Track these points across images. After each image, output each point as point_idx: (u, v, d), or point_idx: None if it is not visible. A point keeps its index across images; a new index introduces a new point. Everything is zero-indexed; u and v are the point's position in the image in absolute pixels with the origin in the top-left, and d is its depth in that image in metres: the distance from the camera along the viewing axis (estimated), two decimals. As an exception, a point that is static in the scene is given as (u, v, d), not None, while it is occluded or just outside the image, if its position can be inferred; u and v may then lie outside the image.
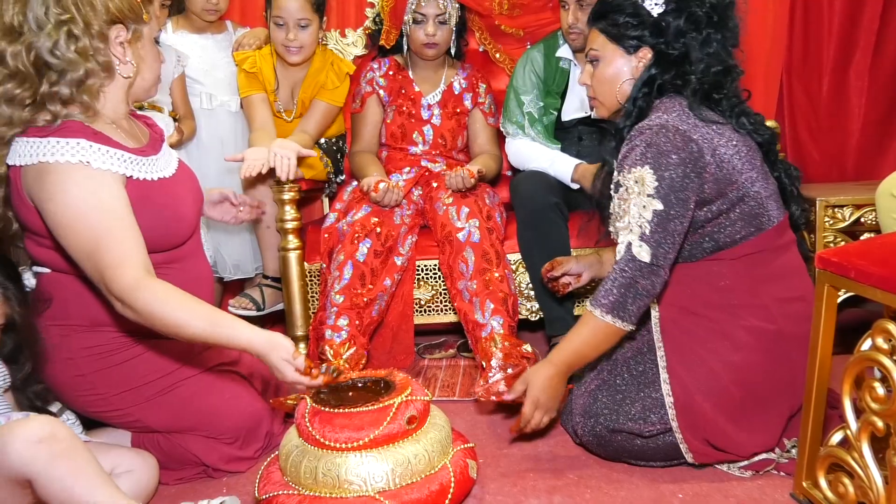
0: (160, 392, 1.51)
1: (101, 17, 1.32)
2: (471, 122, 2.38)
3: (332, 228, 2.13)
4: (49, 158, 1.30)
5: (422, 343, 2.33)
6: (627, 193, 1.43)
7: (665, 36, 1.49)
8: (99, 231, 1.29)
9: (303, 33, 2.18)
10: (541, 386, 1.49)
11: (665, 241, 1.39)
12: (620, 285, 1.40)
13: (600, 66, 1.58)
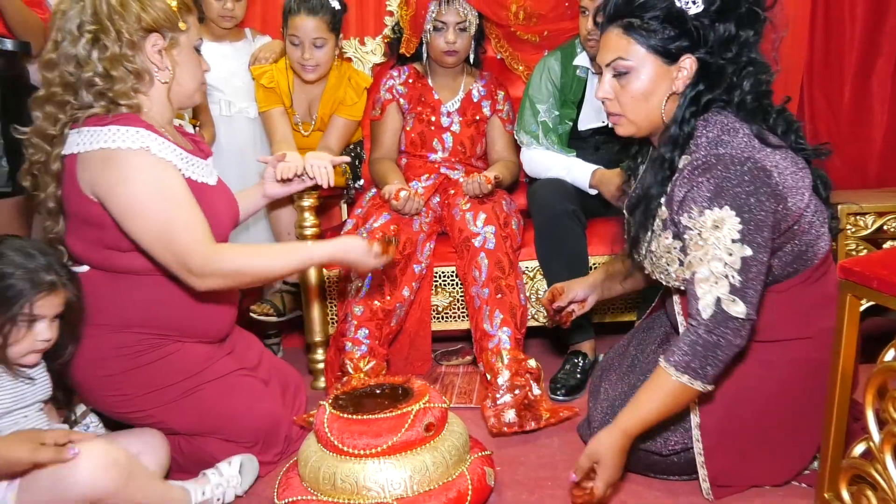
0: (183, 394, 1.53)
1: (133, 27, 1.40)
2: (489, 130, 2.38)
3: (351, 235, 2.14)
4: (111, 144, 1.37)
5: (439, 349, 2.34)
6: (702, 238, 1.25)
7: (707, 42, 1.28)
8: (171, 213, 1.38)
9: (318, 52, 2.18)
10: (613, 464, 1.30)
11: (755, 288, 1.24)
12: (707, 346, 1.24)
13: (630, 79, 1.33)
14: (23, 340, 1.31)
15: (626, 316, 2.21)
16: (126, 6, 1.40)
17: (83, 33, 1.38)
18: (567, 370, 2.01)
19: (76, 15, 1.40)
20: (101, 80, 1.39)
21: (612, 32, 1.34)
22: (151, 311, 1.51)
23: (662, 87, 1.33)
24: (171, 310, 1.52)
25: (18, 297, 1.29)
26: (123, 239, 1.43)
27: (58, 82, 1.42)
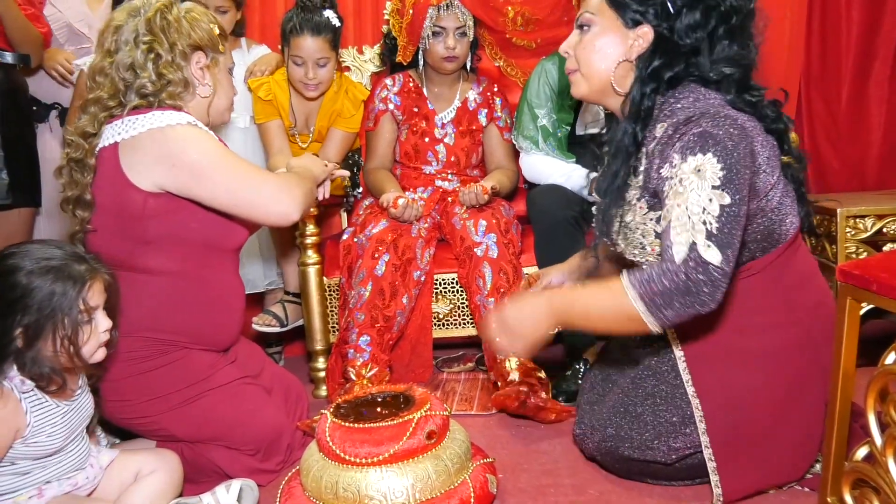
0: (186, 401, 1.54)
1: (184, 41, 1.53)
2: (486, 138, 2.39)
3: (350, 243, 2.15)
4: (158, 124, 1.46)
5: (440, 356, 2.34)
6: (682, 186, 1.23)
7: (670, 21, 1.32)
8: (237, 161, 1.50)
9: (321, 71, 2.19)
10: (518, 305, 1.30)
11: (732, 241, 1.21)
12: (674, 287, 1.20)
13: (590, 33, 1.39)
14: (90, 338, 1.29)
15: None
16: (179, 23, 1.53)
17: (139, 43, 1.49)
18: (569, 376, 2.01)
19: (132, 28, 1.51)
20: (153, 84, 1.49)
21: None
22: (162, 316, 1.53)
23: (617, 48, 1.37)
24: (181, 315, 1.55)
25: (70, 300, 1.25)
26: (149, 229, 1.49)
27: (107, 87, 1.51)
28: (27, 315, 1.22)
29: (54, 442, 1.28)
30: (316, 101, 2.29)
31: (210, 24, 1.58)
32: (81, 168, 1.52)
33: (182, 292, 1.54)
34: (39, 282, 1.23)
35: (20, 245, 1.30)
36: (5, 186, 2.00)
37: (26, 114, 2.09)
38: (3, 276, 1.23)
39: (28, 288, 1.22)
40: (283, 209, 1.51)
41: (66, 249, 1.32)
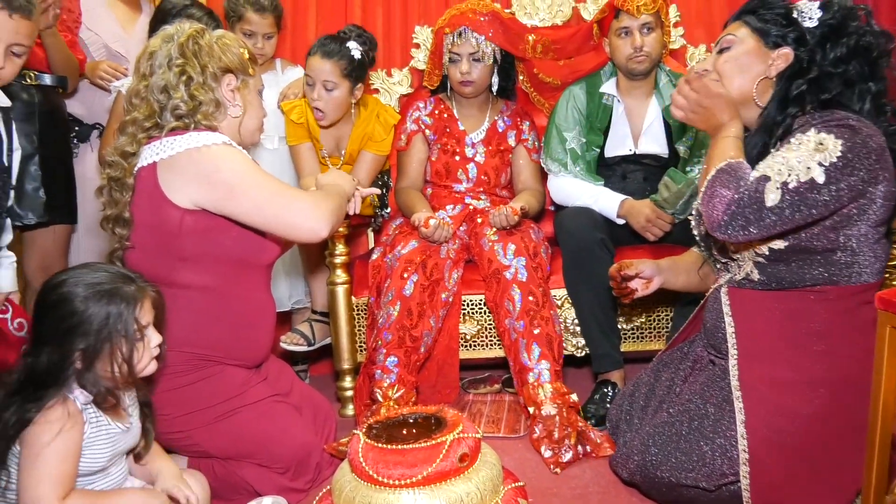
0: (221, 416, 1.57)
1: (216, 64, 1.58)
2: (514, 159, 2.41)
3: (379, 263, 2.17)
4: (195, 144, 1.51)
5: (466, 378, 2.33)
6: (798, 145, 1.34)
7: (809, 46, 1.45)
8: (270, 180, 1.55)
9: (326, 94, 2.18)
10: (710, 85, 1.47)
11: (797, 211, 1.30)
12: (734, 193, 1.33)
13: (732, 51, 1.51)
14: (144, 354, 1.32)
15: (654, 345, 2.19)
16: (210, 47, 1.59)
17: (172, 66, 1.55)
18: (597, 400, 2.00)
19: (165, 53, 1.57)
20: (186, 105, 1.55)
21: (735, 23, 1.55)
22: (198, 330, 1.56)
23: (757, 65, 1.49)
24: (215, 329, 1.58)
25: (125, 321, 1.28)
26: (186, 247, 1.53)
27: (143, 109, 1.57)
28: (86, 339, 1.25)
29: (98, 461, 1.30)
30: (346, 124, 2.32)
31: (240, 49, 1.63)
32: (121, 187, 1.56)
33: (217, 307, 1.58)
34: (95, 307, 1.26)
35: (67, 272, 1.33)
36: (42, 204, 2.05)
37: (63, 133, 2.15)
38: (60, 305, 1.26)
39: (85, 314, 1.25)
40: (312, 225, 1.54)
41: (112, 271, 1.35)
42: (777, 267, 1.45)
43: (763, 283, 1.48)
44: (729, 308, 1.51)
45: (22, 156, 2.01)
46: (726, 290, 1.54)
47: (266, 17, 2.33)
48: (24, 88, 2.04)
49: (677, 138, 2.24)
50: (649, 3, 2.12)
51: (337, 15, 2.63)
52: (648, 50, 2.15)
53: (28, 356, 1.28)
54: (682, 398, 1.53)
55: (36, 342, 1.28)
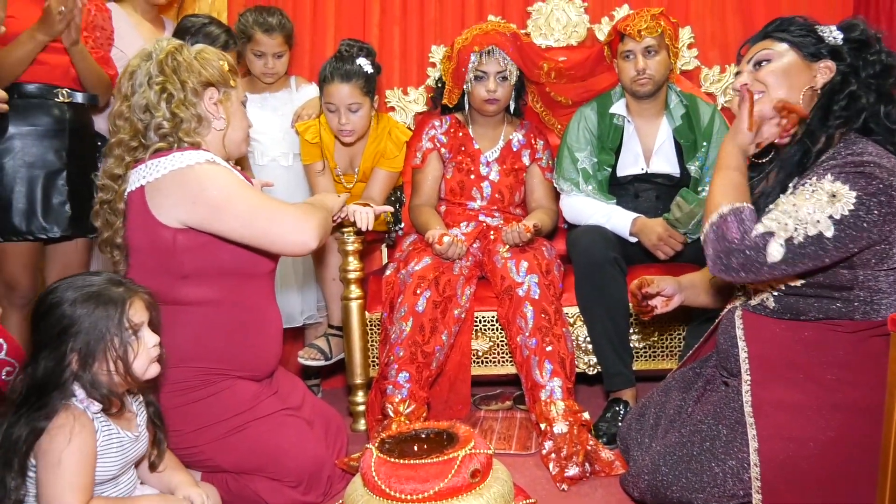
0: (233, 431, 1.58)
1: (196, 78, 1.59)
2: (528, 177, 2.43)
3: (393, 279, 2.19)
4: (179, 165, 1.52)
5: (477, 394, 2.34)
6: (811, 193, 1.33)
7: (852, 62, 1.45)
8: (253, 192, 1.54)
9: (354, 116, 2.24)
10: None
11: (801, 264, 1.32)
12: (735, 242, 1.34)
13: (771, 64, 1.48)
14: (140, 354, 1.34)
15: (666, 363, 2.19)
16: (190, 63, 1.59)
17: (152, 84, 1.56)
18: (608, 418, 2.00)
19: (145, 71, 1.57)
20: (168, 122, 1.56)
21: (761, 42, 1.52)
22: (204, 345, 1.57)
23: (802, 75, 1.47)
24: (223, 342, 1.59)
25: (115, 321, 1.30)
26: (185, 264, 1.54)
27: (127, 129, 1.58)
28: (77, 340, 1.28)
29: (110, 470, 1.32)
30: (360, 142, 2.36)
31: (220, 62, 1.64)
32: (113, 211, 1.60)
33: (221, 320, 1.59)
34: (83, 309, 1.29)
35: (60, 281, 1.36)
36: (67, 219, 2.10)
37: (91, 150, 2.20)
38: (51, 310, 1.30)
39: (74, 316, 1.29)
40: (299, 238, 1.53)
41: (103, 276, 1.38)
42: (794, 299, 1.45)
43: (778, 311, 1.47)
44: (742, 332, 1.50)
45: (49, 171, 2.07)
46: (740, 313, 1.54)
47: (275, 36, 2.38)
48: (56, 105, 2.09)
49: (689, 158, 2.26)
50: (652, 27, 2.15)
51: (355, 33, 2.67)
52: (651, 73, 2.17)
53: (27, 367, 1.30)
54: (694, 418, 1.53)
55: (34, 352, 1.31)
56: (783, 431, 1.36)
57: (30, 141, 2.06)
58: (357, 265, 2.16)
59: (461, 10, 2.76)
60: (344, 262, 2.17)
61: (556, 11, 2.69)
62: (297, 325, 2.50)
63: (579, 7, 2.70)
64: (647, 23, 2.15)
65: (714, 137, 2.25)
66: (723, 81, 2.65)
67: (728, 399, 1.49)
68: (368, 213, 1.99)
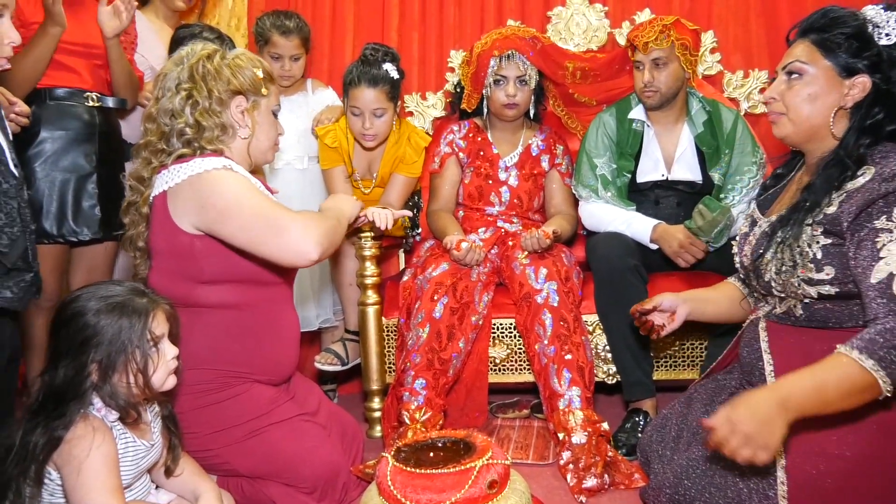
0: (249, 435, 1.57)
1: (223, 87, 1.58)
2: (548, 183, 2.41)
3: (410, 284, 2.18)
4: (197, 170, 1.52)
5: (495, 402, 2.32)
6: (892, 236, 1.28)
7: (890, 73, 1.37)
8: (262, 199, 1.52)
9: (378, 121, 2.23)
10: (749, 410, 1.20)
11: None
12: (890, 330, 1.22)
13: (802, 83, 1.42)
14: (159, 367, 1.34)
15: (687, 374, 2.16)
16: (219, 71, 1.59)
17: (179, 90, 1.57)
18: (628, 429, 1.97)
19: (175, 76, 1.59)
20: (191, 129, 1.56)
21: (800, 44, 1.44)
22: (222, 348, 1.58)
23: (831, 96, 1.41)
24: (241, 346, 1.59)
25: (137, 333, 1.29)
26: (204, 270, 1.54)
27: (154, 131, 1.60)
28: (99, 351, 1.28)
29: (125, 479, 1.31)
30: (379, 147, 2.35)
31: (254, 69, 1.62)
32: (137, 213, 1.61)
33: (240, 324, 1.59)
34: (107, 319, 1.28)
35: (82, 289, 1.36)
36: (98, 221, 2.12)
37: (119, 154, 2.23)
38: (73, 319, 1.29)
39: (97, 326, 1.28)
40: (300, 248, 1.48)
41: (126, 286, 1.37)
42: (823, 305, 1.41)
43: (805, 319, 1.44)
44: (767, 344, 1.47)
45: (80, 175, 2.10)
46: (764, 324, 1.51)
47: (292, 39, 2.39)
48: (86, 110, 2.12)
49: (711, 165, 2.22)
50: (660, 40, 2.11)
51: (374, 38, 2.67)
52: (658, 85, 2.14)
53: (45, 374, 1.30)
54: None
55: (52, 359, 1.30)
56: (811, 447, 1.33)
57: (60, 145, 2.08)
58: (374, 270, 2.15)
59: (480, 15, 2.75)
60: (361, 267, 2.16)
61: (577, 16, 2.68)
62: (313, 329, 2.50)
63: (599, 11, 2.68)
64: (656, 34, 2.11)
65: (737, 144, 2.21)
66: (746, 87, 2.61)
67: None
68: (387, 214, 1.99)
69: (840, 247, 1.37)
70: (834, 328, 1.41)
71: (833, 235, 1.38)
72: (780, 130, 1.49)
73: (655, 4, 2.67)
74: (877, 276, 1.28)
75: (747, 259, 1.56)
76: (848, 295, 1.37)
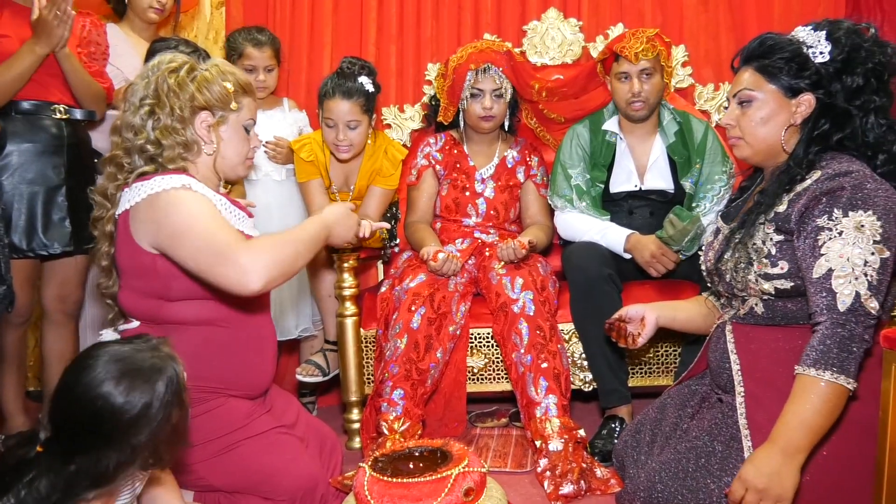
0: (224, 449, 1.56)
1: (186, 104, 1.53)
2: (523, 194, 2.44)
3: (388, 295, 2.19)
4: (156, 189, 1.49)
5: (473, 411, 2.33)
6: (842, 238, 1.34)
7: (827, 86, 1.46)
8: (212, 224, 1.46)
9: (352, 133, 2.25)
10: (756, 468, 1.29)
11: (884, 290, 1.34)
12: (841, 339, 1.29)
13: (752, 108, 1.51)
14: None
15: (662, 380, 2.18)
16: (183, 87, 1.54)
17: (142, 105, 1.54)
18: (604, 435, 1.99)
19: (141, 90, 1.56)
20: (152, 146, 1.53)
21: (745, 71, 1.54)
22: (197, 364, 1.54)
23: (781, 116, 1.50)
24: (216, 361, 1.57)
25: (174, 380, 1.20)
26: (171, 288, 1.51)
27: (120, 145, 1.57)
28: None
29: None
30: (355, 160, 2.37)
31: (223, 83, 1.56)
32: (101, 231, 1.59)
33: (214, 340, 1.57)
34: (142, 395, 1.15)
35: (83, 361, 1.18)
36: (68, 235, 2.10)
37: (89, 166, 2.21)
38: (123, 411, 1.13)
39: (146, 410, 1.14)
40: (240, 280, 1.41)
41: (135, 344, 1.22)
42: (782, 302, 1.46)
43: (767, 317, 1.49)
44: (734, 345, 1.51)
45: (49, 187, 2.08)
46: (731, 326, 1.55)
47: (265, 50, 2.43)
48: (54, 122, 2.10)
49: (682, 175, 2.27)
50: (648, 50, 2.16)
51: (351, 51, 2.69)
52: (646, 96, 2.19)
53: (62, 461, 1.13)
54: (690, 435, 1.53)
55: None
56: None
57: (28, 158, 2.07)
58: (352, 282, 2.16)
59: (457, 29, 2.79)
60: (339, 279, 2.17)
61: (552, 30, 2.72)
62: (292, 338, 2.50)
63: (574, 26, 2.73)
64: (644, 45, 2.16)
65: (707, 154, 2.26)
66: (717, 99, 2.67)
67: (723, 415, 1.49)
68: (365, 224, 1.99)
69: (791, 242, 1.43)
70: (794, 324, 1.46)
71: (784, 232, 1.44)
72: (740, 152, 1.58)
73: (629, 19, 2.73)
74: (818, 272, 1.35)
75: (710, 263, 1.60)
76: (803, 290, 1.42)
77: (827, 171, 1.41)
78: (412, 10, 2.78)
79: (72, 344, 2.25)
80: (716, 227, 1.68)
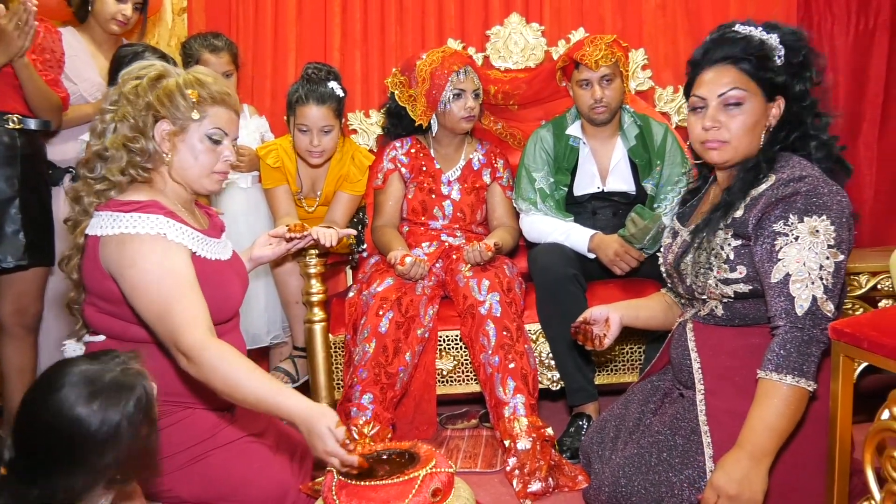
0: (192, 460, 1.55)
1: (142, 113, 1.51)
2: (489, 196, 2.46)
3: (356, 300, 2.19)
4: (130, 230, 1.46)
5: (444, 413, 2.34)
6: (798, 243, 1.37)
7: (794, 87, 1.49)
8: (172, 293, 1.43)
9: (325, 138, 2.28)
10: (726, 474, 1.32)
11: (839, 293, 1.37)
12: (800, 343, 1.32)
13: (743, 112, 1.48)
14: None
15: (627, 377, 2.23)
16: (142, 94, 1.52)
17: (107, 112, 1.54)
18: (572, 433, 2.02)
19: (110, 97, 1.56)
20: (113, 152, 1.52)
21: (725, 68, 1.49)
22: (164, 380, 1.53)
23: (763, 119, 1.50)
24: (182, 376, 1.55)
25: (144, 398, 1.18)
26: (135, 312, 1.49)
27: (90, 149, 1.56)
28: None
29: None
30: (322, 166, 2.37)
31: (186, 90, 1.52)
32: (73, 242, 1.56)
33: None
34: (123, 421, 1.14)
35: (53, 378, 1.15)
36: (22, 247, 2.05)
37: (43, 177, 2.16)
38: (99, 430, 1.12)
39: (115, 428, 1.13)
40: (182, 362, 1.42)
41: (104, 363, 1.20)
42: (741, 304, 1.50)
43: (727, 319, 1.53)
44: (694, 343, 1.55)
45: (2, 199, 2.01)
46: (691, 325, 1.59)
47: (222, 56, 2.42)
48: (6, 132, 2.05)
49: (644, 176, 2.32)
50: (607, 56, 2.20)
51: (316, 57, 2.69)
52: (608, 101, 2.23)
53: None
54: (652, 430, 1.56)
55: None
56: (736, 438, 1.38)
57: None
58: (320, 288, 2.16)
59: (421, 34, 2.81)
60: (307, 285, 2.17)
61: (514, 35, 2.76)
62: (265, 346, 2.48)
63: (536, 30, 2.77)
64: (603, 52, 2.19)
65: (667, 156, 2.31)
66: (676, 101, 2.73)
67: (684, 410, 1.53)
68: (332, 233, 2.00)
69: (749, 248, 1.46)
70: (753, 325, 1.50)
71: (741, 238, 1.47)
72: (722, 156, 1.52)
73: (590, 24, 2.78)
74: (776, 277, 1.38)
75: (670, 266, 1.64)
76: (761, 293, 1.45)
77: (781, 177, 1.44)
78: (376, 16, 2.79)
79: (31, 358, 2.19)
80: (673, 229, 1.71)
